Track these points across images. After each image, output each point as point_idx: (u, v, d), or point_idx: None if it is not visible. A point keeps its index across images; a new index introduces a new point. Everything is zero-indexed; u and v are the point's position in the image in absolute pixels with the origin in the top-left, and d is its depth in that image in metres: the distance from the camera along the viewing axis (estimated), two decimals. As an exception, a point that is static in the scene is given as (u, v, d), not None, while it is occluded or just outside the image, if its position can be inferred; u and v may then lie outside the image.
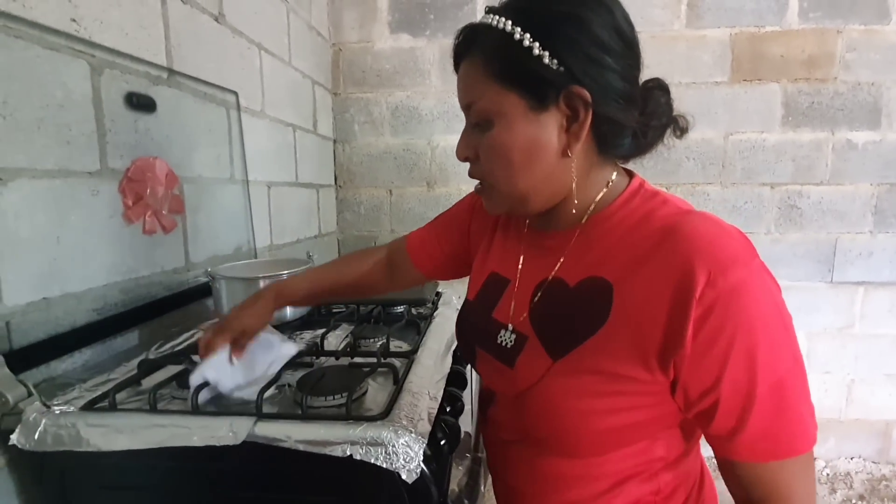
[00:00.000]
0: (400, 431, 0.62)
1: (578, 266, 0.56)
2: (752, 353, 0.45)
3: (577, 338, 0.52)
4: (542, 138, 0.53)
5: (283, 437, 0.62)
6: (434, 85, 2.11)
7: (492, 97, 0.53)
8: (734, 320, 0.45)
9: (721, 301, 0.45)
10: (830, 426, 2.20)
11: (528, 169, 0.54)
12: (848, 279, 2.10)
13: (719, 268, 0.45)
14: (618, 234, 0.54)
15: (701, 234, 0.47)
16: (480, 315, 0.66)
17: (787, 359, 0.46)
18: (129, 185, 0.96)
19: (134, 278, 0.99)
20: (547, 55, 0.50)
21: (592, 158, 0.56)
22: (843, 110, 2.01)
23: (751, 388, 0.46)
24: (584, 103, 0.51)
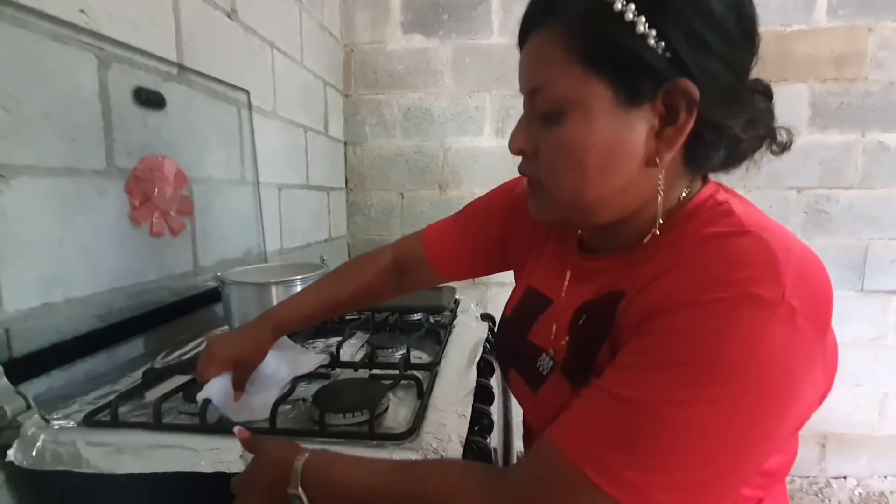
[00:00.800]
0: (429, 454, 0.56)
1: (616, 282, 0.48)
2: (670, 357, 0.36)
3: (592, 355, 0.46)
4: (628, 141, 0.43)
5: (300, 458, 0.56)
6: (447, 86, 2.07)
7: (570, 83, 0.42)
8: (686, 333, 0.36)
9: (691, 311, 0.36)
10: (863, 442, 2.11)
11: (602, 176, 0.44)
12: (880, 287, 2.01)
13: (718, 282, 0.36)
14: (672, 254, 0.43)
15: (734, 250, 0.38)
16: (515, 335, 0.59)
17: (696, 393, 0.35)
18: (136, 184, 0.91)
19: (140, 283, 0.94)
20: (654, 34, 0.39)
21: (678, 171, 0.46)
22: (874, 111, 1.93)
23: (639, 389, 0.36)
24: (688, 102, 0.41)
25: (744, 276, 0.36)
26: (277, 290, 0.92)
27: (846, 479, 2.10)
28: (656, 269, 0.42)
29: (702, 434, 0.35)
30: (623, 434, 0.36)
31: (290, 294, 0.91)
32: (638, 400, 0.36)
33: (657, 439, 0.35)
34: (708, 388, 0.35)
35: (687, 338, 0.36)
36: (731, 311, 0.35)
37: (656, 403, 0.35)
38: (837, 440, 2.11)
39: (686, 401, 0.35)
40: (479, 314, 1.25)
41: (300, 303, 0.76)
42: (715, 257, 0.38)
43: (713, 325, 0.35)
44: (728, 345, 0.35)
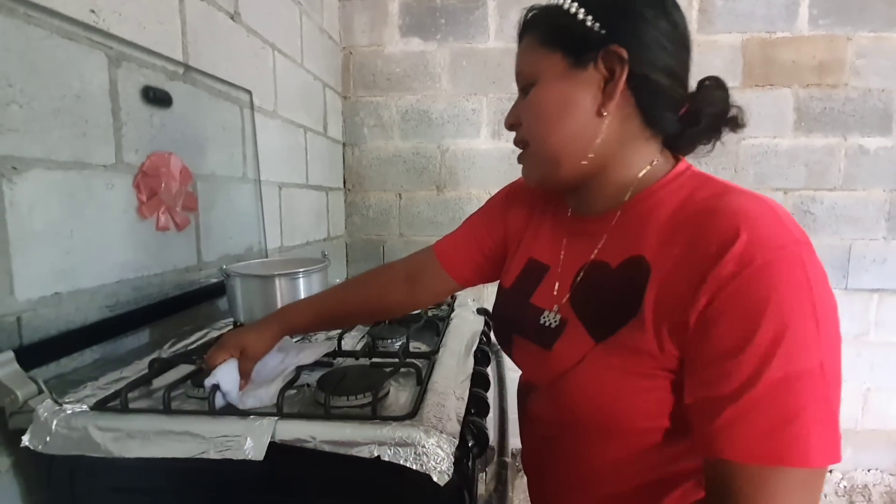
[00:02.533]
0: (430, 431, 0.59)
1: (620, 246, 0.55)
2: (765, 336, 0.41)
3: (623, 318, 0.50)
4: (577, 95, 0.54)
5: (308, 437, 0.59)
6: (444, 89, 2.11)
7: (536, 61, 0.56)
8: (750, 301, 0.42)
9: (742, 279, 0.42)
10: (846, 436, 2.14)
11: (559, 124, 0.55)
12: (862, 286, 2.07)
13: (752, 243, 0.43)
14: (661, 214, 0.52)
15: (742, 209, 0.45)
16: (517, 302, 0.65)
17: (810, 358, 0.41)
18: (143, 179, 0.94)
19: (146, 276, 0.97)
20: (590, 18, 0.52)
21: (633, 128, 0.55)
22: (854, 116, 2.00)
23: (753, 375, 0.41)
24: (619, 61, 0.51)
25: (772, 228, 0.43)
26: (281, 283, 0.95)
27: (831, 472, 2.15)
28: (673, 233, 0.49)
29: (825, 380, 0.41)
30: (779, 415, 0.40)
31: (294, 287, 0.94)
32: (769, 382, 0.41)
33: (800, 404, 0.40)
34: (809, 345, 0.41)
35: (764, 309, 0.41)
36: (786, 267, 0.42)
37: (783, 378, 0.40)
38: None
39: (803, 360, 0.41)
40: (476, 308, 1.29)
41: (308, 305, 0.79)
42: (732, 222, 0.44)
43: (778, 286, 0.41)
44: (790, 292, 0.41)
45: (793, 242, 0.43)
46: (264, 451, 0.58)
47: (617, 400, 0.51)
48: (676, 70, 0.54)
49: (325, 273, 1.02)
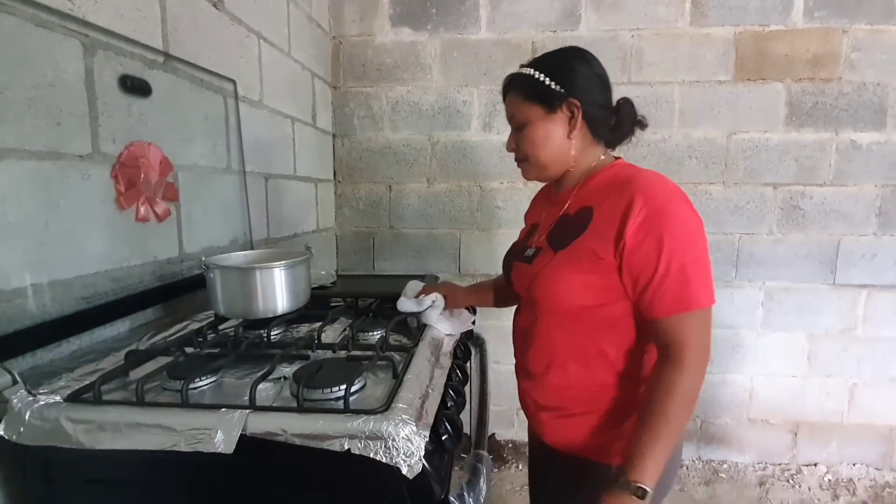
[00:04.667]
0: (401, 425, 0.59)
1: (577, 204, 0.89)
2: (668, 246, 0.75)
3: (572, 237, 0.85)
4: (554, 129, 0.88)
5: (279, 430, 0.59)
6: (435, 80, 2.09)
7: (525, 110, 0.89)
8: (656, 227, 0.76)
9: (649, 215, 0.77)
10: (832, 430, 2.18)
11: (546, 147, 0.90)
12: (851, 281, 2.08)
13: (650, 196, 0.78)
14: (600, 185, 0.88)
15: (644, 178, 0.81)
16: (521, 247, 1.00)
17: (692, 251, 0.77)
18: (121, 170, 0.93)
19: (125, 267, 0.96)
20: (553, 83, 0.86)
21: (587, 142, 0.91)
22: (847, 110, 1.99)
23: (667, 266, 0.76)
24: (576, 107, 0.86)
25: (660, 188, 0.79)
26: (260, 275, 0.94)
27: (816, 465, 2.17)
28: (606, 192, 0.84)
29: (699, 261, 0.77)
30: (685, 281, 0.76)
31: (273, 279, 0.94)
32: (674, 267, 0.76)
33: (697, 270, 0.77)
34: (695, 239, 0.78)
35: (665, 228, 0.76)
36: (674, 203, 0.78)
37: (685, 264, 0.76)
38: (808, 428, 2.19)
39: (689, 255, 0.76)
40: (461, 302, 1.29)
41: (485, 289, 1.21)
42: (643, 182, 0.80)
43: (671, 214, 0.77)
44: (684, 219, 0.78)
45: (670, 195, 0.79)
46: (234, 445, 0.58)
47: (567, 287, 0.84)
48: (606, 104, 0.90)
49: (306, 265, 1.02)
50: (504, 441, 2.28)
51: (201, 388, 0.74)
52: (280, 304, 0.97)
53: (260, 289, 0.94)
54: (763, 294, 2.12)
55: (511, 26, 2.02)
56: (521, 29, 2.02)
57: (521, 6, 2.01)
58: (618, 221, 0.78)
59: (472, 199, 2.15)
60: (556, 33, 2.01)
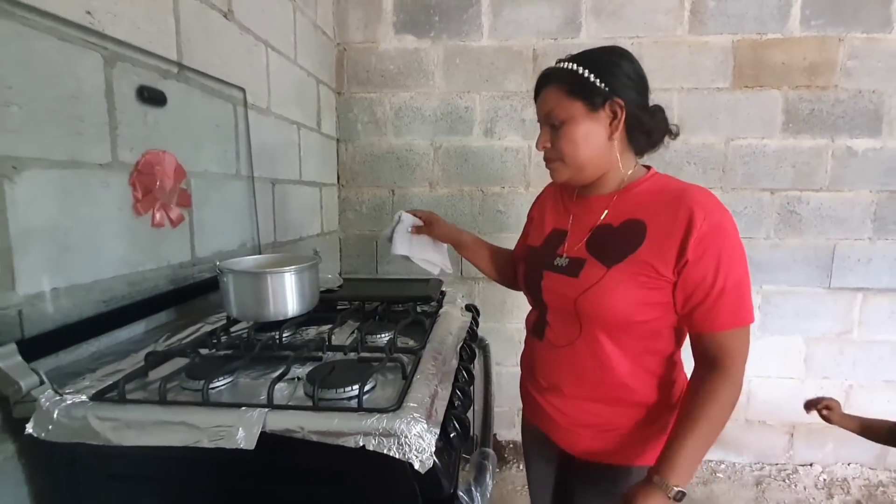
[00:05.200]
0: (412, 423, 0.62)
1: (619, 214, 0.88)
2: (725, 263, 0.78)
3: (624, 253, 0.84)
4: (595, 130, 0.86)
5: (296, 427, 0.63)
6: (438, 86, 2.12)
7: (565, 107, 0.85)
8: (715, 244, 0.78)
9: (709, 232, 0.78)
10: (828, 431, 2.19)
11: (585, 149, 0.86)
12: (846, 285, 2.11)
13: (709, 212, 0.79)
14: (647, 195, 0.87)
15: (698, 195, 0.81)
16: (547, 252, 0.96)
17: (743, 268, 0.80)
18: (138, 177, 0.96)
19: (141, 271, 0.99)
20: (598, 80, 0.83)
21: (624, 147, 0.89)
22: (843, 117, 2.03)
23: (724, 283, 0.78)
24: (620, 108, 0.84)
25: (715, 204, 0.81)
26: (271, 280, 0.97)
27: (812, 465, 2.21)
28: (658, 205, 0.84)
29: (747, 280, 0.81)
30: (739, 298, 0.79)
31: (283, 283, 0.97)
32: (730, 283, 0.78)
33: (747, 287, 0.81)
34: (744, 257, 0.81)
35: (724, 245, 0.79)
36: (728, 220, 0.80)
37: (738, 280, 0.79)
38: (804, 429, 2.22)
39: (740, 271, 0.79)
40: (464, 305, 1.32)
41: (478, 244, 1.21)
42: (699, 197, 0.81)
43: (728, 231, 0.79)
44: (737, 237, 0.80)
45: (724, 211, 0.81)
46: (255, 441, 0.62)
47: (625, 303, 0.83)
48: (646, 107, 0.87)
49: (315, 270, 1.05)
50: (505, 442, 2.31)
51: (219, 388, 0.77)
52: (290, 307, 1.00)
53: (271, 292, 0.97)
54: (761, 298, 2.15)
55: (512, 34, 2.05)
56: (522, 36, 2.05)
57: (522, 14, 2.04)
58: (679, 238, 0.78)
59: (473, 204, 2.18)
60: (556, 41, 2.04)
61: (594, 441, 0.92)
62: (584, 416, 0.92)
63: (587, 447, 0.93)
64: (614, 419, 0.90)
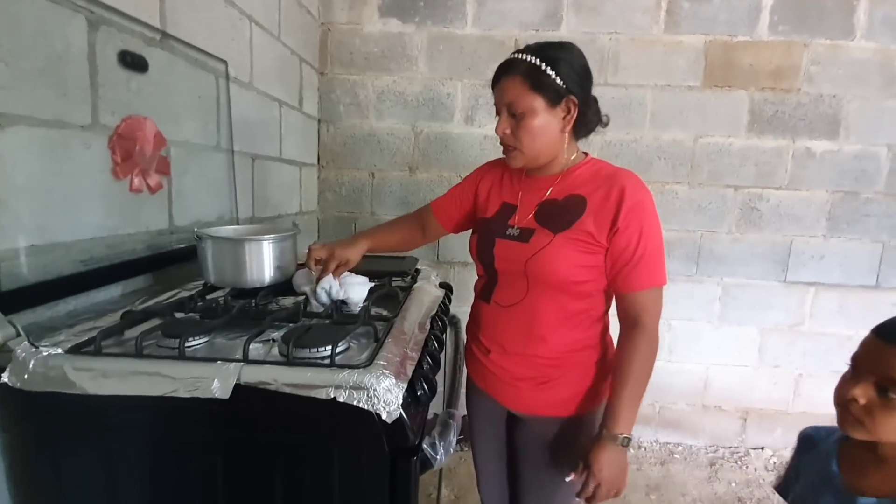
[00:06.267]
0: (381, 378, 0.67)
1: (562, 190, 0.99)
2: (646, 232, 0.91)
3: (568, 222, 0.94)
4: (552, 123, 0.94)
5: (270, 380, 0.66)
6: (421, 72, 2.15)
7: (528, 99, 0.92)
8: (638, 216, 0.91)
9: (634, 206, 0.91)
10: (778, 417, 2.35)
11: (542, 140, 0.95)
12: (800, 279, 2.24)
13: (635, 189, 0.92)
14: (586, 176, 0.98)
15: (628, 177, 0.95)
16: (499, 223, 1.04)
17: (660, 238, 0.93)
18: (118, 141, 0.97)
19: (119, 235, 1.01)
20: (559, 79, 0.91)
21: (570, 136, 0.99)
22: (804, 120, 2.14)
23: (644, 249, 0.91)
24: (574, 104, 0.94)
25: (640, 184, 0.94)
26: (250, 247, 1.00)
27: (763, 449, 2.34)
28: (595, 183, 0.96)
29: (661, 247, 0.94)
30: (655, 263, 0.93)
31: (262, 252, 1.00)
32: (648, 250, 0.91)
33: (662, 254, 0.94)
34: (660, 229, 0.94)
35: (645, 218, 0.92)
36: (649, 198, 0.94)
37: (655, 248, 0.92)
38: (757, 415, 2.35)
39: (657, 241, 0.93)
40: (439, 283, 1.37)
41: (382, 233, 1.21)
42: (628, 179, 0.94)
43: (648, 207, 0.93)
44: (655, 211, 0.94)
45: (646, 190, 0.94)
46: (230, 391, 0.65)
47: (568, 264, 0.93)
48: (590, 100, 0.97)
49: (293, 241, 1.08)
50: (474, 422, 2.38)
51: (195, 347, 0.80)
52: (268, 274, 1.03)
53: (249, 260, 1.00)
54: (721, 289, 2.26)
55: (496, 24, 2.09)
56: (505, 27, 2.09)
57: (506, 5, 2.08)
58: (613, 209, 0.91)
59: (452, 189, 2.23)
60: (538, 32, 2.09)
61: (532, 393, 1.01)
62: (522, 369, 1.01)
63: (526, 399, 1.02)
64: (548, 371, 1.00)
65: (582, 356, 1.00)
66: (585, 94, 0.95)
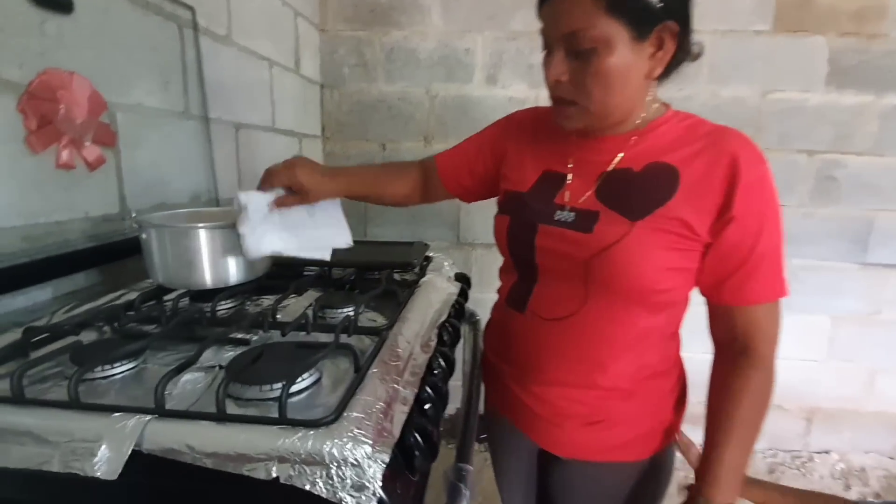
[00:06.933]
0: (350, 445, 0.43)
1: (640, 157, 0.69)
2: (769, 223, 0.64)
3: (653, 204, 0.66)
4: (637, 65, 0.63)
5: (183, 447, 0.44)
6: (435, 25, 1.86)
7: (601, 27, 0.60)
8: (761, 200, 0.64)
9: (754, 184, 0.63)
10: (847, 418, 2.05)
11: (621, 90, 0.64)
12: (880, 261, 1.90)
13: (754, 160, 0.64)
14: (673, 135, 0.69)
15: (740, 139, 0.65)
16: (542, 201, 0.75)
17: (781, 231, 0.66)
18: (30, 102, 0.75)
19: (43, 223, 0.79)
20: None
21: (654, 81, 0.68)
22: (893, 72, 1.77)
23: (765, 247, 0.64)
24: (672, 37, 0.63)
25: (758, 152, 0.65)
26: (207, 236, 0.78)
27: (829, 453, 2.06)
28: (690, 147, 0.66)
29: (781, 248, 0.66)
30: (777, 266, 0.66)
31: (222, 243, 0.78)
32: (770, 248, 0.65)
33: (781, 255, 0.66)
34: (781, 223, 0.66)
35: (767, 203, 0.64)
36: (769, 171, 0.65)
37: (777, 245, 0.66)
38: (823, 415, 2.06)
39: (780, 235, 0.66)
40: (454, 274, 1.12)
41: (363, 175, 0.90)
42: (739, 142, 0.65)
43: (771, 186, 0.65)
44: (776, 193, 0.65)
45: (765, 159, 0.65)
46: (120, 468, 0.43)
47: (654, 268, 0.66)
48: (690, 28, 0.65)
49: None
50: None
51: (113, 377, 0.58)
52: (232, 272, 0.81)
53: (206, 253, 0.78)
54: (787, 272, 1.95)
55: (522, -38, 1.77)
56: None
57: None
58: (722, 188, 0.63)
59: (472, 161, 1.96)
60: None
61: (582, 434, 0.76)
62: (570, 404, 0.76)
63: (571, 442, 0.77)
64: (608, 406, 0.75)
65: (652, 386, 0.75)
66: (687, 18, 0.63)
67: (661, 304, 0.70)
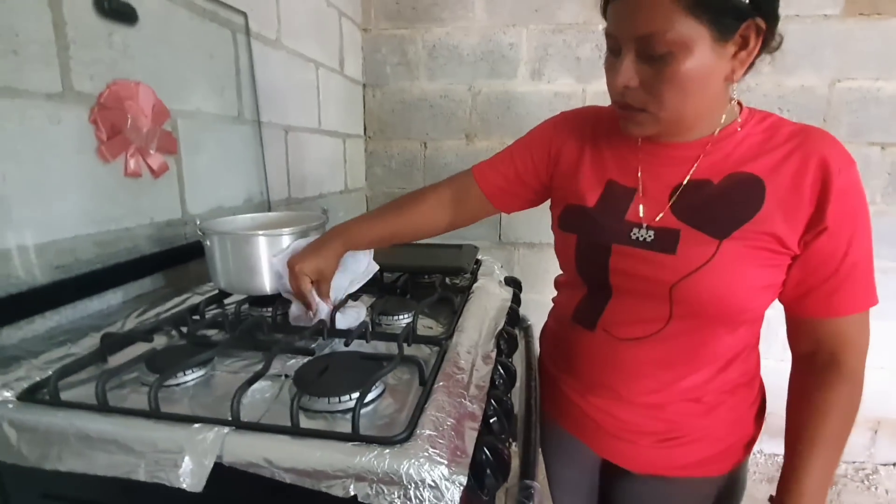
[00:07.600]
0: (428, 465, 0.43)
1: (719, 167, 0.64)
2: (860, 231, 0.60)
3: (740, 219, 0.61)
4: (718, 68, 0.57)
5: (261, 461, 0.44)
6: (478, 20, 1.83)
7: (680, 28, 0.54)
8: (853, 207, 0.59)
9: (847, 190, 0.58)
10: None
11: (699, 96, 0.59)
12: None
13: (844, 165, 0.59)
14: (752, 141, 0.63)
15: (826, 140, 0.60)
16: (612, 217, 0.69)
17: (871, 237, 0.61)
18: (102, 113, 0.78)
19: (113, 230, 0.82)
20: None
21: (734, 84, 0.62)
22: (982, 53, 1.62)
23: (857, 255, 0.60)
24: (757, 33, 0.56)
25: (847, 153, 0.60)
26: (267, 244, 0.79)
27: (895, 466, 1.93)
28: (773, 154, 0.61)
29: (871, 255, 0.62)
30: (868, 275, 0.62)
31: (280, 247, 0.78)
32: (862, 257, 0.60)
33: (872, 262, 0.62)
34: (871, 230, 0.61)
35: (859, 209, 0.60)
36: (859, 175, 0.60)
37: (868, 253, 0.61)
38: (890, 426, 1.93)
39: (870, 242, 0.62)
40: (503, 278, 1.10)
41: (369, 226, 0.81)
42: (827, 143, 0.60)
43: (861, 190, 0.60)
44: (866, 198, 0.61)
45: (854, 162, 0.60)
46: (205, 480, 0.43)
47: (747, 289, 0.62)
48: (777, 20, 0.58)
49: (321, 231, 0.85)
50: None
51: (186, 385, 0.60)
52: (290, 277, 0.82)
53: (265, 260, 0.79)
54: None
55: (569, -48, 1.71)
56: (581, -45, 1.71)
57: (582, -73, 1.69)
58: (813, 198, 0.58)
59: (515, 158, 1.92)
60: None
61: (657, 451, 0.73)
62: (645, 421, 0.72)
63: (645, 457, 0.74)
64: (686, 423, 0.71)
65: (733, 400, 0.71)
66: (775, 12, 0.57)
67: (743, 321, 0.67)
